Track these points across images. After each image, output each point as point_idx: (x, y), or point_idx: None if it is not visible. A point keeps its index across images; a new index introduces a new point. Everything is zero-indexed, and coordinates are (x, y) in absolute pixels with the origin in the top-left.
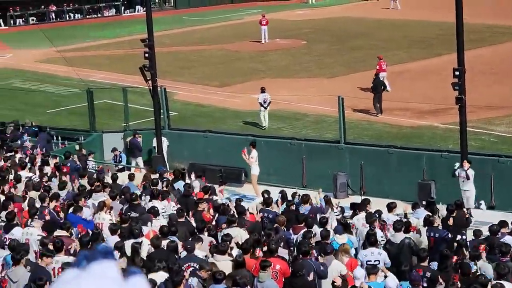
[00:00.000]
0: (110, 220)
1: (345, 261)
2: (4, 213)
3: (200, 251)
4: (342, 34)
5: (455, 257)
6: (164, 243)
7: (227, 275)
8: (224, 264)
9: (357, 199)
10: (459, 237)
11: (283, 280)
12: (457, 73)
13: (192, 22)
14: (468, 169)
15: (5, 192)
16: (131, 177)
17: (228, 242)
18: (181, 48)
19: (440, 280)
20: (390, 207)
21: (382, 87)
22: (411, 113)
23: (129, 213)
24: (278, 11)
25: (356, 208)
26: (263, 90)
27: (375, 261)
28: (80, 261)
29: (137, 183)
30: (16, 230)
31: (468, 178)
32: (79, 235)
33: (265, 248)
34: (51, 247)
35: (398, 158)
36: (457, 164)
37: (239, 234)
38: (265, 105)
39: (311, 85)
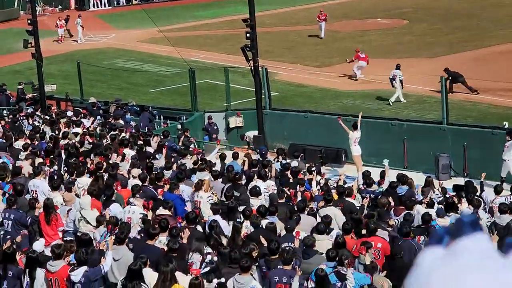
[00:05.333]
0: (209, 197)
1: None
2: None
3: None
4: (444, 14)
5: None
6: (264, 223)
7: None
8: (324, 244)
9: (460, 181)
10: None
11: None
12: None
13: (294, 2)
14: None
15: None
16: (235, 156)
17: (326, 223)
18: (282, 28)
19: None
20: (497, 190)
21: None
22: None
23: (231, 192)
24: None
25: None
26: (397, 67)
27: None
28: (440, 237)
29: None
30: (113, 206)
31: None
32: (185, 214)
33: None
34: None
35: (503, 140)
36: None
37: (334, 214)
38: (393, 82)
39: (411, 65)
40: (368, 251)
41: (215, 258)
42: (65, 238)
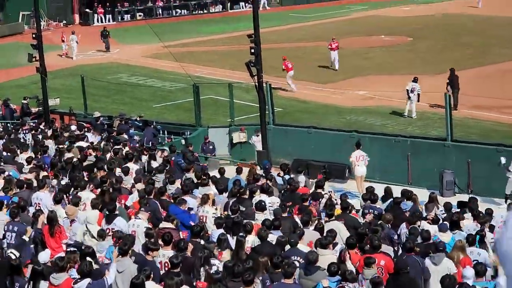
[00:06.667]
0: (214, 213)
1: (460, 258)
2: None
3: (303, 245)
4: (448, 31)
5: None
6: (272, 237)
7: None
8: (328, 258)
9: (464, 197)
10: None
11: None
12: None
13: (298, 19)
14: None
15: (113, 185)
16: (239, 171)
17: (331, 237)
18: (286, 45)
19: None
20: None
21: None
22: None
23: (237, 207)
24: (384, 7)
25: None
26: (415, 80)
27: (473, 261)
28: None
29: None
30: (118, 220)
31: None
32: (191, 226)
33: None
34: (158, 239)
35: (507, 157)
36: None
37: (338, 228)
38: (410, 94)
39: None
40: (372, 266)
41: (221, 269)
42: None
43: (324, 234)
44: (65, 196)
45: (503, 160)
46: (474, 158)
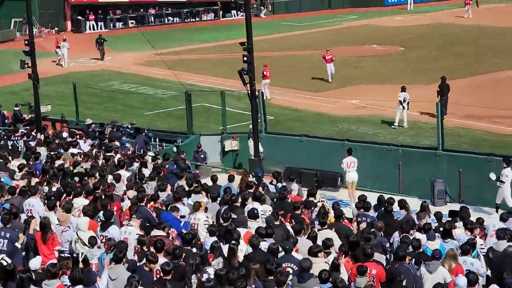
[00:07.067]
0: (206, 220)
1: (453, 267)
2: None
3: (296, 253)
4: (441, 41)
5: None
6: (264, 245)
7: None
8: (319, 266)
9: (456, 207)
10: None
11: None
12: None
13: (289, 28)
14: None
15: (105, 191)
16: (231, 179)
17: (323, 245)
18: (278, 53)
19: None
20: (503, 218)
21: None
22: None
23: (229, 214)
24: (376, 17)
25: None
26: (403, 89)
27: (466, 270)
28: None
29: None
30: (112, 228)
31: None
32: (181, 234)
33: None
34: (151, 248)
35: (498, 167)
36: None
37: (330, 236)
38: (404, 104)
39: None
40: (365, 275)
41: (212, 276)
42: (61, 255)
43: (320, 242)
44: (57, 202)
45: (492, 176)
46: (465, 167)
